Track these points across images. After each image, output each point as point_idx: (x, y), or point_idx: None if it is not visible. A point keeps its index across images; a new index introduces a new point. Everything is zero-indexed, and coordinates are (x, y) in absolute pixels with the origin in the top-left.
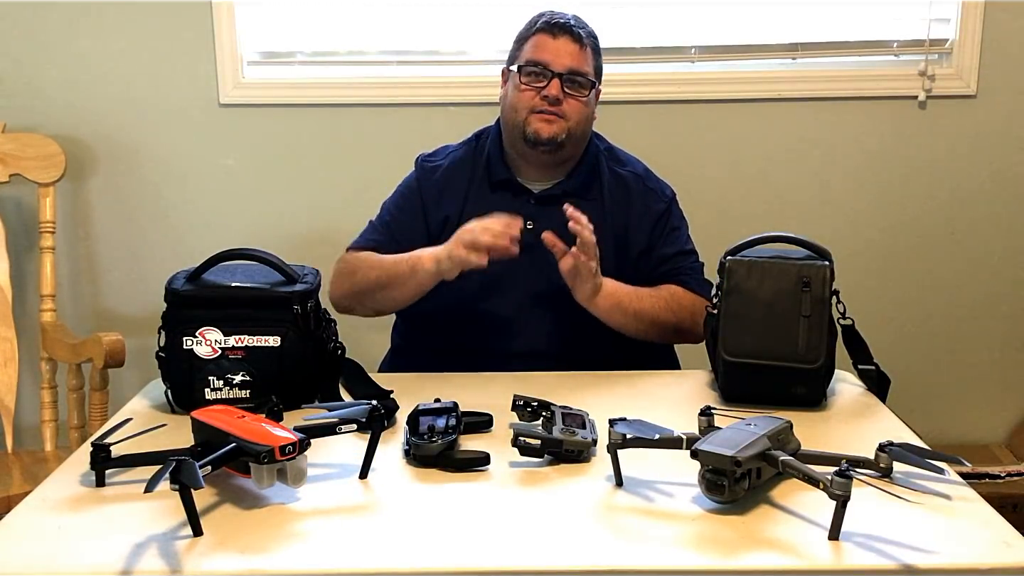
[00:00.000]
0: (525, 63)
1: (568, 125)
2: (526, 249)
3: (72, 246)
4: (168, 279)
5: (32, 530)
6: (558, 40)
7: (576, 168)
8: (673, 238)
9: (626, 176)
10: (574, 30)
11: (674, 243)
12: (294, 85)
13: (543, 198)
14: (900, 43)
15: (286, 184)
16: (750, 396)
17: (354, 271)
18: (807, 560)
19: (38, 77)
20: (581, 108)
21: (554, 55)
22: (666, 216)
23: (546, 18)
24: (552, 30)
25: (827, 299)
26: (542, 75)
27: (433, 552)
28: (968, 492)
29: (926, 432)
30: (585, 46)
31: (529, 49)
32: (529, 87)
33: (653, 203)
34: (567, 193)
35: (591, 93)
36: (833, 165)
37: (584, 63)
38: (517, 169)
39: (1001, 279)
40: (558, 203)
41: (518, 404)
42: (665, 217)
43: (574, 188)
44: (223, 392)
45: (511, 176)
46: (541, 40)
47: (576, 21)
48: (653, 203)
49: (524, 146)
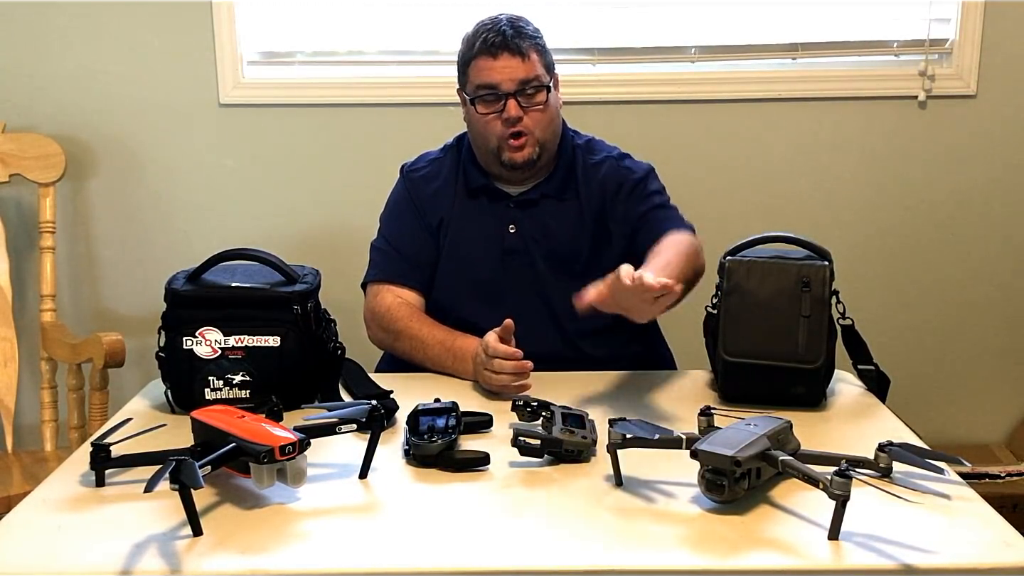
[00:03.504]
0: (475, 91)
1: (537, 137)
2: (511, 253)
3: (72, 246)
4: (168, 279)
5: (32, 530)
6: (500, 59)
7: (554, 170)
8: (651, 199)
9: (600, 162)
10: (512, 44)
11: (652, 202)
12: (294, 85)
13: (522, 202)
14: (900, 43)
15: (286, 184)
16: (750, 396)
17: (396, 335)
18: (807, 560)
19: (38, 77)
20: (543, 116)
21: (500, 75)
22: (642, 184)
23: (482, 38)
24: (491, 50)
25: (827, 299)
26: (496, 98)
27: (433, 552)
28: (968, 492)
29: (926, 432)
30: (528, 54)
31: (474, 75)
32: (488, 113)
33: (627, 176)
34: (545, 195)
35: (549, 95)
36: (833, 165)
37: (532, 71)
38: (495, 176)
39: (1001, 279)
40: (537, 205)
41: (518, 404)
42: (642, 184)
43: (552, 190)
44: (223, 392)
45: (488, 182)
46: (484, 63)
47: (512, 29)
48: (627, 176)
49: (501, 169)
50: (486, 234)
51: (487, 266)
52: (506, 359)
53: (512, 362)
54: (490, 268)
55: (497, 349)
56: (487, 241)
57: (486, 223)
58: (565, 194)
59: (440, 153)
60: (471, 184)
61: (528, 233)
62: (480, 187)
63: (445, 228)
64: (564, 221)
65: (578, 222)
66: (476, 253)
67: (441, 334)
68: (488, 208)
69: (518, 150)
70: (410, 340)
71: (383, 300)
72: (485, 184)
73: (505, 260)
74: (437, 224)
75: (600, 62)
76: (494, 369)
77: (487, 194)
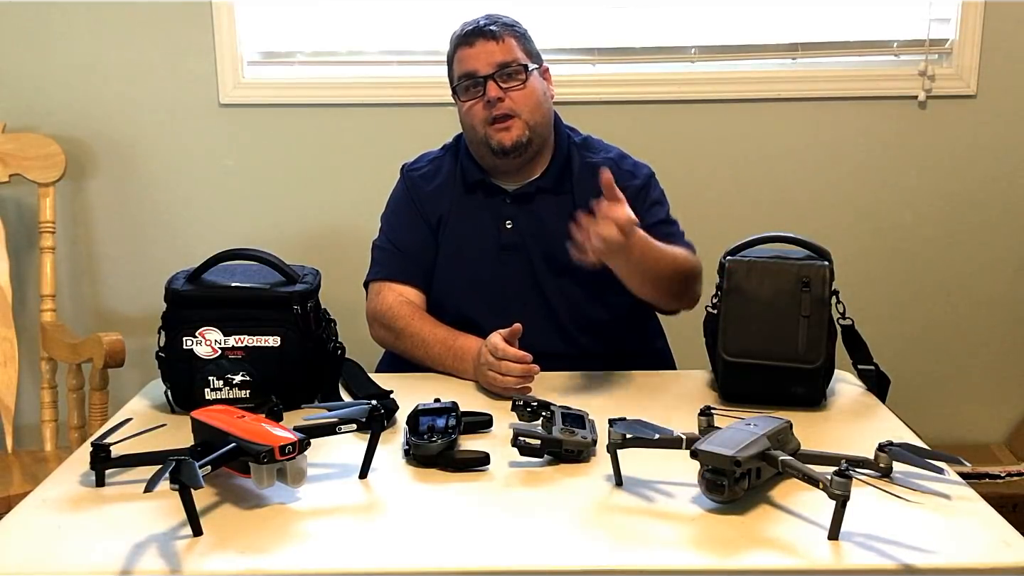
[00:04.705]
0: (458, 82)
1: (523, 119)
2: (508, 249)
3: (72, 246)
4: (168, 279)
5: (32, 530)
6: (475, 46)
7: (549, 165)
8: (654, 211)
9: (598, 162)
10: (486, 30)
11: (654, 216)
12: (294, 85)
13: (518, 197)
14: (900, 43)
15: (286, 184)
16: (750, 396)
17: (398, 334)
18: (807, 560)
19: (38, 77)
20: (526, 95)
21: (477, 60)
22: (644, 192)
23: (458, 32)
24: (467, 39)
25: (827, 299)
26: (476, 84)
27: (433, 552)
28: (968, 492)
29: (926, 432)
30: (502, 38)
31: (456, 67)
32: (472, 99)
33: (628, 182)
34: (541, 190)
35: (530, 77)
36: (833, 165)
37: (509, 53)
38: (491, 171)
39: (1001, 279)
40: (533, 200)
41: (518, 404)
42: (643, 193)
43: (548, 185)
44: (223, 392)
45: (485, 177)
46: (462, 54)
47: (487, 19)
48: (628, 182)
49: (494, 158)
50: (482, 230)
51: (484, 262)
52: (515, 362)
53: (521, 365)
54: (487, 264)
55: (507, 352)
56: (483, 237)
57: (483, 219)
58: (561, 190)
59: (440, 152)
60: (468, 180)
61: (524, 229)
62: (476, 182)
63: (444, 225)
64: (560, 216)
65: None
66: (473, 249)
67: (443, 333)
68: (484, 204)
69: (505, 131)
70: (411, 339)
71: (385, 299)
72: (481, 179)
73: (502, 256)
74: (436, 222)
75: (600, 62)
76: (502, 371)
77: (483, 190)
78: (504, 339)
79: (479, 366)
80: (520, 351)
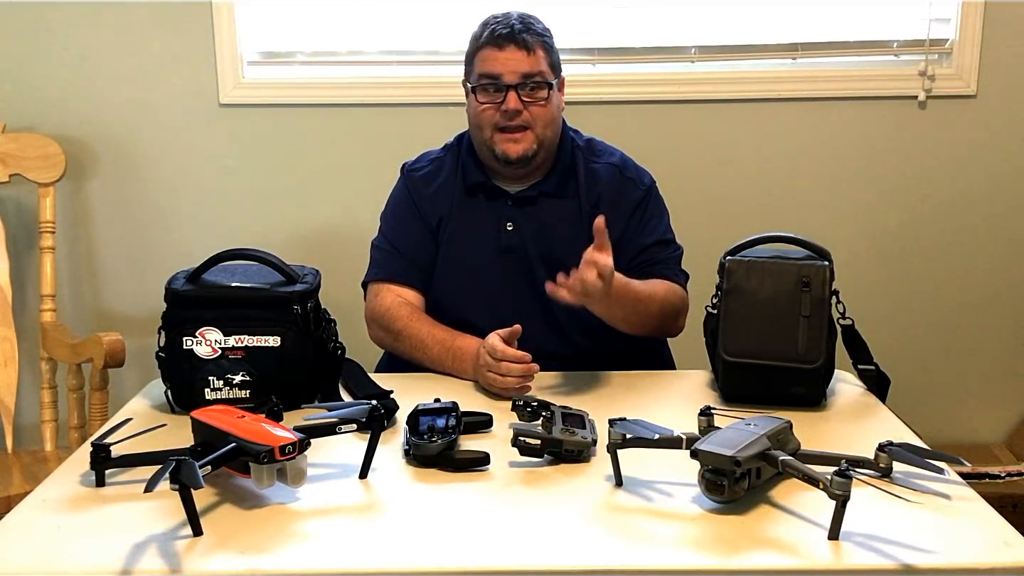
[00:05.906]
0: (477, 79)
1: (535, 134)
2: (508, 251)
3: (72, 246)
4: (168, 279)
5: (32, 530)
6: (505, 51)
7: (552, 169)
8: (651, 228)
9: (601, 168)
10: (519, 37)
11: (652, 233)
12: (294, 85)
13: (520, 199)
14: (900, 43)
15: (286, 184)
16: (750, 396)
17: (396, 335)
18: (807, 560)
19: (38, 77)
20: (544, 112)
21: (504, 66)
22: (643, 205)
23: (490, 29)
24: (497, 41)
25: (827, 299)
26: (497, 89)
27: (433, 552)
28: (968, 492)
29: (926, 432)
30: (534, 49)
31: (479, 64)
32: (487, 102)
33: (629, 192)
34: (543, 194)
35: (551, 92)
36: (833, 165)
37: (536, 66)
38: (493, 173)
39: (1001, 279)
40: (535, 203)
41: (518, 404)
42: (643, 206)
43: (550, 188)
44: (223, 392)
45: (487, 179)
46: (489, 54)
47: (521, 24)
48: (629, 192)
49: (496, 164)
50: (483, 231)
51: (484, 263)
52: (514, 362)
53: (521, 365)
54: (487, 265)
55: (506, 352)
56: (484, 238)
57: (483, 220)
58: (563, 193)
59: (441, 152)
60: (469, 181)
61: (525, 231)
62: (478, 184)
63: (444, 226)
64: (561, 220)
65: (575, 221)
66: (473, 250)
67: (441, 334)
68: (485, 205)
69: (513, 143)
70: (410, 340)
71: (383, 300)
72: (483, 181)
73: (502, 258)
74: (437, 223)
75: (600, 62)
76: (501, 372)
77: (485, 191)
78: (503, 340)
79: (478, 367)
80: (520, 352)
